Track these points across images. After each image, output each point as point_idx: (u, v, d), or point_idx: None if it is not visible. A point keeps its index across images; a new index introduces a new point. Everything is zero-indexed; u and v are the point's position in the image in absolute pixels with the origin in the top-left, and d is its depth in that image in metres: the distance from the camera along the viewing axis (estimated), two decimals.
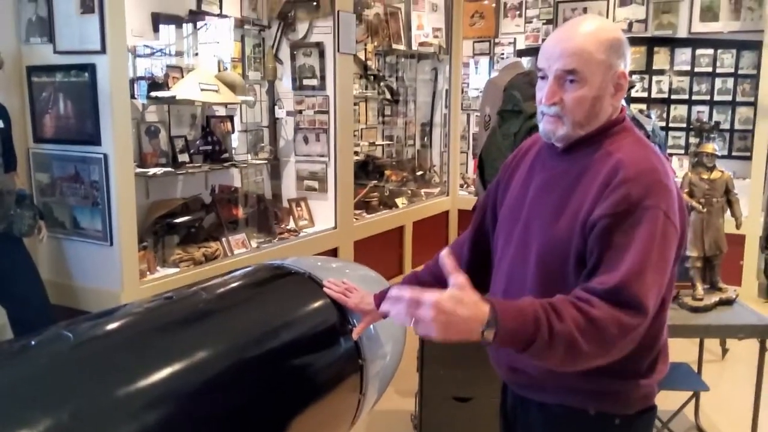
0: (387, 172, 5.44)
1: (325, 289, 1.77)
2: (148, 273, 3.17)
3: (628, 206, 1.25)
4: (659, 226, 1.25)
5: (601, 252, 1.25)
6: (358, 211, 4.81)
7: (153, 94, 3.38)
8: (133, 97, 3.34)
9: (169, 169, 3.45)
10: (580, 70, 1.31)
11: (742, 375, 3.39)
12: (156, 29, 3.59)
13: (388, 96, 5.59)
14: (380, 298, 1.73)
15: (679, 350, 3.24)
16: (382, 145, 5.70)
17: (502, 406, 1.60)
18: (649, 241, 1.24)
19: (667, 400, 2.82)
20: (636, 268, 1.21)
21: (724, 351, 3.95)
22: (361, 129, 5.37)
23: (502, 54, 6.21)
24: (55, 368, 1.26)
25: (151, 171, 3.33)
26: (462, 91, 6.27)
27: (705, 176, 2.78)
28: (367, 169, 5.29)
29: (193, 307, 1.58)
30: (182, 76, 3.59)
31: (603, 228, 1.25)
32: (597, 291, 1.21)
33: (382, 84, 5.52)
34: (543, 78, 1.37)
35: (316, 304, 1.72)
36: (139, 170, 3.26)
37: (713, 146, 2.82)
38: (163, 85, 3.44)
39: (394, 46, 5.55)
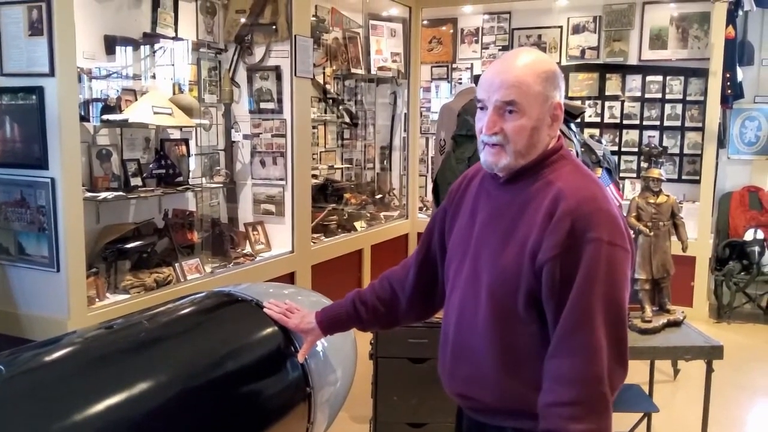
0: (346, 195, 5.43)
1: (265, 309, 1.76)
2: (97, 299, 3.08)
3: (573, 241, 1.30)
4: (603, 257, 1.30)
5: (555, 304, 1.31)
6: (316, 235, 4.79)
7: (105, 117, 3.32)
8: (87, 119, 3.29)
9: (121, 193, 3.38)
10: (519, 101, 1.35)
11: (693, 395, 3.45)
12: (110, 51, 3.55)
13: (347, 119, 5.61)
14: (321, 315, 1.72)
15: (631, 371, 3.26)
16: (341, 168, 5.70)
17: (457, 431, 1.60)
18: (593, 278, 1.29)
19: (619, 422, 2.84)
20: (581, 315, 1.28)
21: (676, 372, 4.03)
22: (320, 152, 5.37)
23: (459, 79, 6.31)
24: None
25: (102, 195, 3.26)
26: (421, 115, 6.34)
27: (652, 200, 2.86)
28: (326, 193, 5.28)
29: (134, 336, 1.55)
30: (136, 99, 3.55)
31: (551, 272, 1.30)
32: (551, 354, 1.31)
33: (341, 107, 5.53)
34: (482, 109, 1.40)
35: (262, 333, 1.70)
36: (89, 194, 3.19)
37: (659, 171, 2.90)
38: (115, 108, 3.39)
39: (353, 70, 5.59)
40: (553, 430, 1.27)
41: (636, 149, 5.74)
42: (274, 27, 4.25)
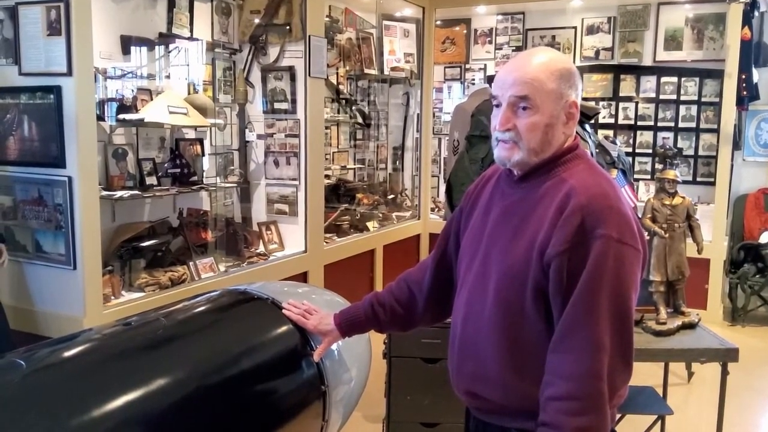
0: (358, 196, 5.44)
1: (284, 311, 1.76)
2: (112, 297, 3.11)
3: (581, 237, 1.30)
4: (611, 253, 1.29)
5: (562, 299, 1.30)
6: (328, 235, 4.80)
7: (121, 116, 3.35)
8: (103, 119, 3.32)
9: (136, 192, 3.41)
10: (532, 97, 1.35)
11: (707, 398, 3.43)
12: (126, 51, 3.58)
13: (360, 120, 5.62)
14: (340, 317, 1.73)
15: (645, 374, 3.28)
16: (354, 168, 5.71)
17: (465, 431, 1.60)
18: (600, 274, 1.28)
19: (632, 424, 2.84)
20: (584, 311, 1.28)
21: (690, 374, 4.00)
22: (333, 152, 5.38)
23: (473, 79, 6.31)
24: (4, 398, 1.23)
25: (118, 194, 3.29)
26: (434, 116, 6.33)
27: (667, 202, 2.84)
28: (338, 193, 5.29)
29: (151, 333, 1.56)
30: (151, 99, 3.58)
31: (559, 268, 1.30)
32: (554, 348, 1.31)
33: (354, 108, 5.55)
34: (497, 106, 1.41)
35: (278, 331, 1.71)
36: (105, 193, 3.22)
37: (674, 173, 2.88)
38: (131, 108, 3.42)
39: (366, 70, 5.60)
40: (552, 422, 1.28)
41: (650, 151, 5.71)
42: (288, 27, 4.27)
